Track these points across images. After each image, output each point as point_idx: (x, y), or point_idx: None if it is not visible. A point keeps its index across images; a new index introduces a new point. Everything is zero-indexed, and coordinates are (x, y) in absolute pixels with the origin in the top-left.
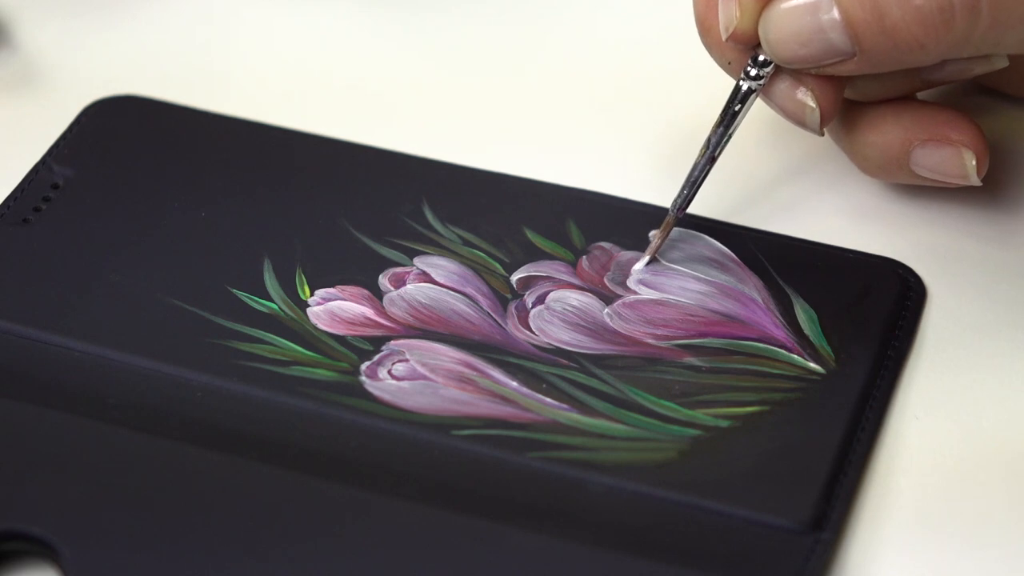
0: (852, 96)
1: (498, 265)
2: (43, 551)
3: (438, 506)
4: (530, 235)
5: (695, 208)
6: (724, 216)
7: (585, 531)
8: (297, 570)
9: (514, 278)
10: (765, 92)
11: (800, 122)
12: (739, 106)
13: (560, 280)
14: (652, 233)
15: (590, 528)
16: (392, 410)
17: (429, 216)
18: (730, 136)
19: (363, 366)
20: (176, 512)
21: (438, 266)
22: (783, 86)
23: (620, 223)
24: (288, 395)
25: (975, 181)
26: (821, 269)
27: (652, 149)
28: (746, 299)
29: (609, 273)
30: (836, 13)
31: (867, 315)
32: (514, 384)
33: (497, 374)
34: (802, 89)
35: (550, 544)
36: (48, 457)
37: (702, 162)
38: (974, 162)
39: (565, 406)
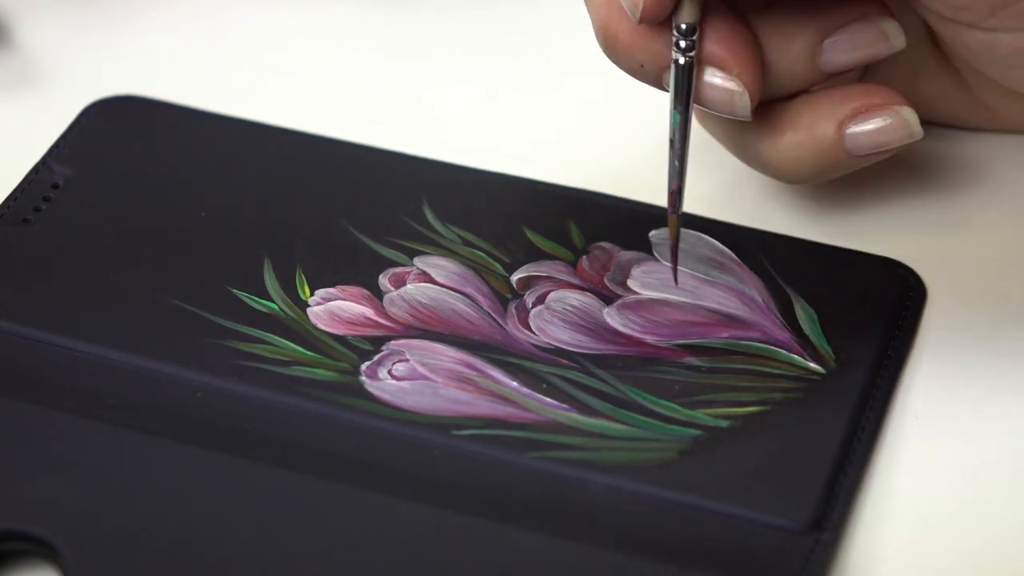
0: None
1: (498, 265)
2: (43, 551)
3: (438, 506)
4: (530, 235)
5: (695, 208)
6: (724, 216)
7: (585, 531)
8: (297, 570)
9: (514, 278)
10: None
11: (729, 110)
12: (679, 82)
13: (560, 280)
14: (652, 233)
15: (590, 528)
16: (392, 410)
17: (429, 216)
18: (689, 118)
19: (363, 366)
20: (176, 512)
21: (438, 266)
22: (707, 79)
23: (620, 223)
24: (288, 395)
25: (920, 133)
26: (821, 269)
27: (652, 149)
28: (746, 299)
29: (609, 273)
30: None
31: (867, 315)
32: (514, 384)
33: (497, 374)
34: (723, 75)
35: (550, 544)
36: (48, 457)
37: (671, 155)
38: (912, 115)
39: (565, 406)
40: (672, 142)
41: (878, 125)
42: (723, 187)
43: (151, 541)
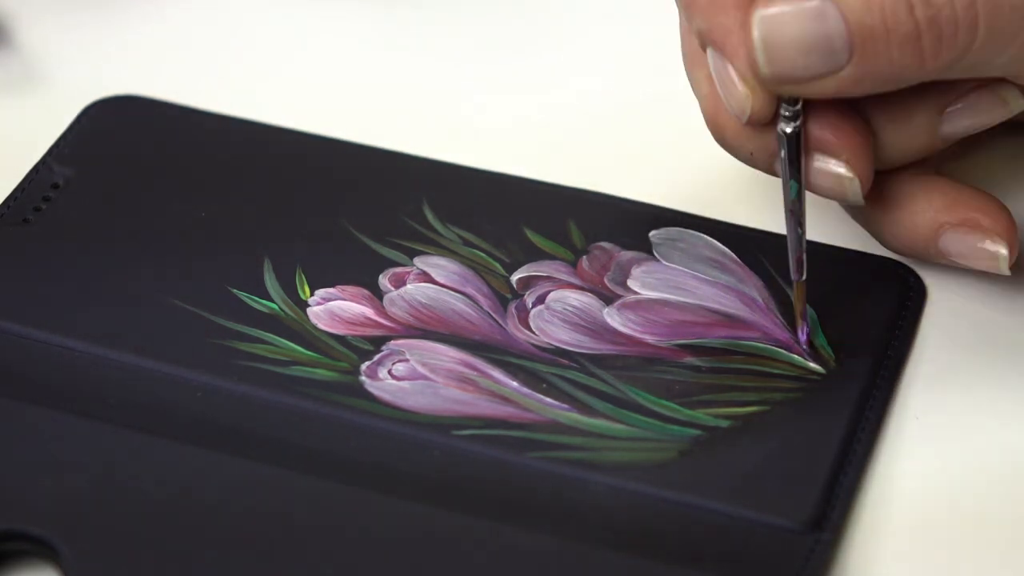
0: (876, 165)
1: (498, 265)
2: (43, 551)
3: (438, 506)
4: (530, 235)
5: (695, 208)
6: (724, 216)
7: (585, 531)
8: (297, 570)
9: (514, 278)
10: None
11: (841, 196)
12: (791, 152)
13: (560, 280)
14: (652, 233)
15: (590, 528)
16: (392, 410)
17: (429, 216)
18: (804, 186)
19: (363, 366)
20: (176, 512)
21: (438, 266)
22: (816, 165)
23: (620, 223)
24: (288, 395)
25: (1004, 271)
26: (821, 269)
27: (652, 149)
28: (746, 299)
29: (609, 273)
30: (840, 17)
31: (867, 315)
32: (514, 384)
33: (497, 374)
34: (834, 161)
35: (550, 544)
36: (48, 457)
37: (792, 224)
38: (1005, 252)
39: (565, 406)
40: (792, 212)
41: (968, 247)
42: (723, 187)
43: (151, 541)
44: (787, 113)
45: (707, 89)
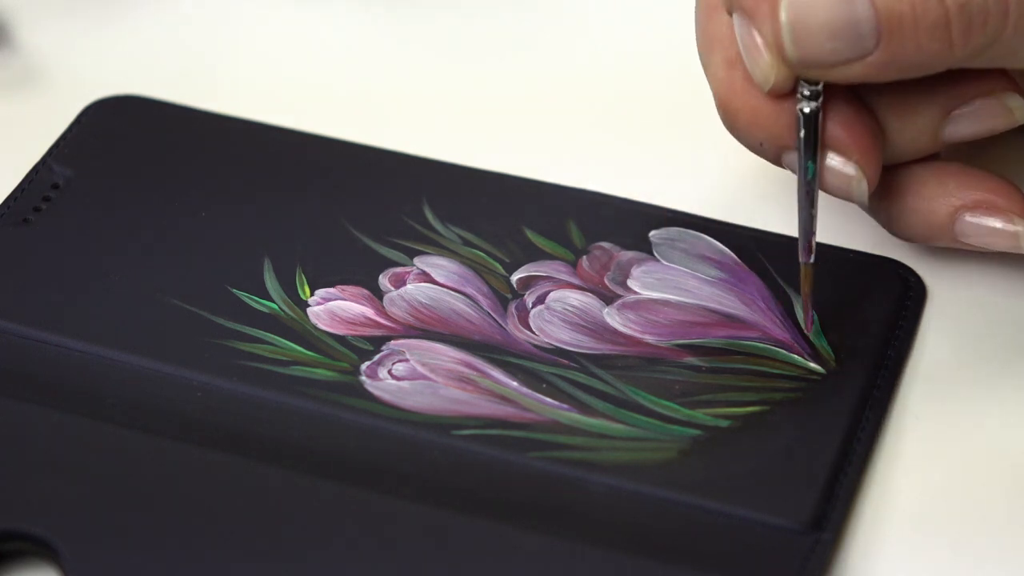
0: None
1: (498, 265)
2: (43, 551)
3: (438, 506)
4: (530, 235)
5: (695, 208)
6: (724, 216)
7: (585, 531)
8: (297, 570)
9: (514, 278)
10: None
11: (847, 194)
12: (809, 132)
13: (560, 280)
14: (652, 233)
15: (590, 528)
16: (392, 410)
17: (429, 216)
18: (818, 166)
19: (363, 366)
20: (176, 512)
21: (438, 266)
22: (826, 163)
23: (620, 223)
24: (288, 395)
25: None
26: (821, 269)
27: (653, 149)
28: (746, 299)
29: (609, 273)
30: (868, 3)
31: (867, 315)
32: (514, 384)
33: (497, 374)
34: (842, 160)
35: (550, 544)
36: (48, 457)
37: (804, 204)
38: None
39: (565, 406)
40: (808, 193)
41: (991, 227)
42: (723, 187)
43: (151, 541)
44: (807, 92)
45: (722, 73)
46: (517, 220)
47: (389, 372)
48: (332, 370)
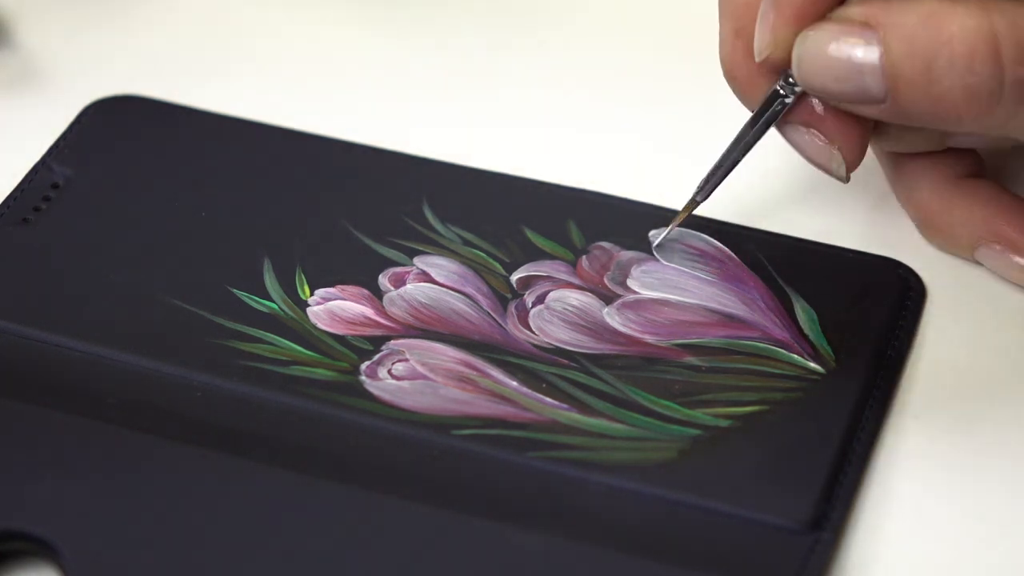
0: (888, 148)
1: (498, 265)
2: (43, 551)
3: (438, 506)
4: (530, 235)
5: (696, 208)
6: (724, 216)
7: (585, 531)
8: (297, 570)
9: (514, 278)
10: (791, 138)
11: (826, 169)
12: (768, 110)
13: (560, 280)
14: (652, 233)
15: (590, 528)
16: (392, 410)
17: (429, 216)
18: (758, 138)
19: (363, 366)
20: (176, 512)
21: (438, 266)
22: (809, 139)
23: (620, 223)
24: (288, 395)
25: None
26: (821, 269)
27: (652, 149)
28: (746, 299)
29: (609, 273)
30: (878, 60)
31: (867, 315)
32: (514, 384)
33: (497, 374)
34: (825, 140)
35: (550, 544)
36: (48, 457)
37: (731, 153)
38: None
39: (565, 406)
40: (739, 141)
41: (1012, 262)
42: (723, 187)
43: (151, 541)
44: (791, 81)
45: (730, 40)
46: (517, 220)
47: (389, 372)
48: (332, 370)
